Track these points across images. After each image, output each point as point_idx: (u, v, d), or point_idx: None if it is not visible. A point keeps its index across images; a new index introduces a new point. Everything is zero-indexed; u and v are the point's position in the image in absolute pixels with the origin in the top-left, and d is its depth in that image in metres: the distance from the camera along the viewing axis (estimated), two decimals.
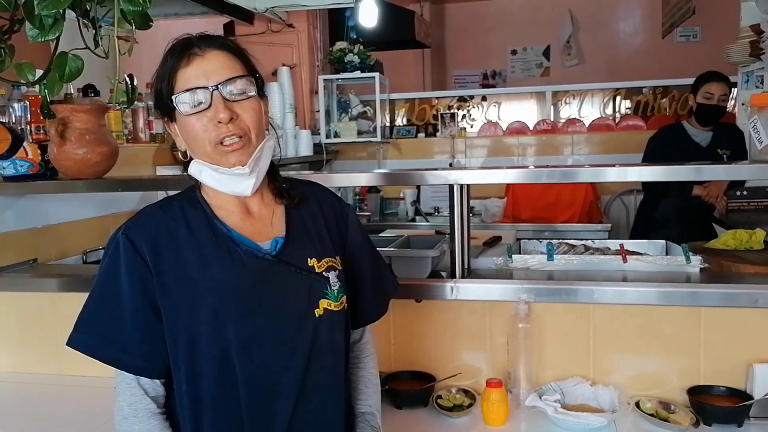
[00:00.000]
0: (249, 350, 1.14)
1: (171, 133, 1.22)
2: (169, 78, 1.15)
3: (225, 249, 1.17)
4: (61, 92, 2.08)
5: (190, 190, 1.25)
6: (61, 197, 2.57)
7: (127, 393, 1.16)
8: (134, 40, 1.54)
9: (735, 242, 2.21)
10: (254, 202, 1.24)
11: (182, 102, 1.14)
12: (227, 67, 1.15)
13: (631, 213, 4.66)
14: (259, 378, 1.15)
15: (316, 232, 1.26)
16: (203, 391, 1.15)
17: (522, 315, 1.78)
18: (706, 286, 1.78)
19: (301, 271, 1.19)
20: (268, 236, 1.21)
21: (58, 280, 2.23)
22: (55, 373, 2.17)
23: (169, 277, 1.14)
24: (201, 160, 1.18)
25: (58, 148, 2.10)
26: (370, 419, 1.34)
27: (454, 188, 1.88)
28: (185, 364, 1.14)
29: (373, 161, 5.13)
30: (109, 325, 1.15)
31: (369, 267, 1.36)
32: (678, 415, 1.65)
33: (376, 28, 5.07)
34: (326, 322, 1.20)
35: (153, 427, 1.16)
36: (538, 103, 5.44)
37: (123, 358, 1.15)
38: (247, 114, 1.15)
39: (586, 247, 2.23)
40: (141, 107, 3.06)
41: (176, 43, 1.17)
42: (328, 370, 1.21)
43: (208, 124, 1.14)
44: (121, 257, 1.14)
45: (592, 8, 7.69)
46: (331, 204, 1.33)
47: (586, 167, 1.98)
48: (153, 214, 1.20)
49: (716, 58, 6.25)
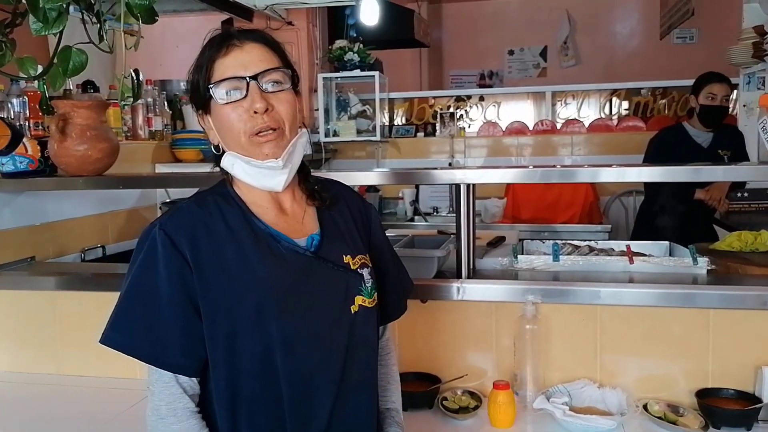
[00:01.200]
0: (291, 347, 1.13)
1: (204, 126, 1.22)
2: (206, 68, 1.15)
3: (265, 245, 1.16)
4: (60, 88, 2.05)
5: (221, 186, 1.24)
6: (59, 194, 2.54)
7: (165, 392, 1.13)
8: (140, 34, 1.51)
9: (740, 244, 2.20)
10: (286, 198, 1.23)
11: (218, 91, 1.14)
12: (264, 59, 1.15)
13: (631, 214, 4.66)
14: (300, 374, 1.14)
15: (347, 230, 1.27)
16: (243, 388, 1.13)
17: (529, 316, 1.76)
18: (714, 287, 1.77)
19: (338, 267, 1.20)
20: (303, 233, 1.21)
21: (57, 278, 2.20)
22: (54, 373, 2.15)
23: (209, 274, 1.12)
24: (234, 153, 1.17)
25: (58, 144, 2.07)
26: (395, 416, 1.36)
27: (461, 188, 1.86)
28: (225, 362, 1.12)
29: (371, 160, 5.11)
30: (147, 322, 1.12)
31: (391, 266, 1.37)
32: (687, 418, 1.64)
33: (376, 27, 5.05)
34: (361, 318, 1.21)
35: (192, 427, 1.13)
36: (535, 103, 5.44)
37: (162, 357, 1.12)
38: (282, 106, 1.15)
39: (591, 248, 2.21)
40: (141, 104, 3.03)
41: (214, 36, 1.17)
42: (363, 366, 1.22)
43: (243, 114, 1.13)
44: (159, 253, 1.11)
45: (590, 9, 7.69)
46: (356, 204, 1.33)
47: (592, 167, 1.96)
48: (189, 209, 1.17)
49: (713, 60, 6.26)
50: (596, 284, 1.80)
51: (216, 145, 1.21)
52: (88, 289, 2.16)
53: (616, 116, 5.17)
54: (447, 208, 4.75)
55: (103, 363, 2.09)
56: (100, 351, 2.05)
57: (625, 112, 5.18)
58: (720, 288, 1.75)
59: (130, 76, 1.66)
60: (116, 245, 2.85)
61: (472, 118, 5.41)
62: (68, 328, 2.15)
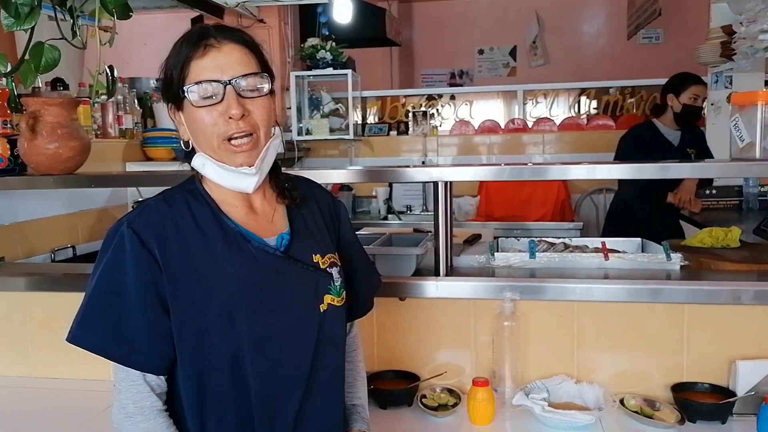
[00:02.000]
0: (261, 346, 1.13)
1: (175, 121, 1.20)
2: (182, 67, 1.12)
3: (235, 245, 1.15)
4: (31, 85, 2.00)
5: (190, 182, 1.22)
6: (28, 194, 2.49)
7: (132, 390, 1.12)
8: (114, 30, 1.48)
9: (711, 240, 2.23)
10: (257, 198, 1.23)
11: (194, 93, 1.11)
12: (243, 62, 1.13)
13: (601, 211, 4.72)
14: (269, 374, 1.14)
15: (317, 230, 1.27)
16: (211, 387, 1.13)
17: (507, 313, 1.77)
18: (688, 283, 1.80)
19: (308, 267, 1.20)
20: (272, 232, 1.21)
21: (27, 279, 2.15)
22: (25, 376, 2.10)
23: (178, 272, 1.11)
24: (205, 154, 1.16)
25: (28, 142, 2.02)
26: (360, 411, 1.37)
27: (438, 185, 1.86)
28: (193, 360, 1.12)
29: (344, 159, 5.10)
30: (115, 321, 1.11)
31: (359, 263, 1.38)
32: (663, 412, 1.66)
33: (348, 25, 5.04)
34: (330, 317, 1.21)
35: (160, 425, 1.13)
36: (505, 102, 5.48)
37: (130, 355, 1.11)
38: (259, 111, 1.14)
39: (566, 245, 2.24)
40: (111, 102, 2.98)
41: (192, 32, 1.14)
42: (331, 365, 1.23)
43: (218, 119, 1.12)
44: (127, 251, 1.10)
45: (558, 10, 7.79)
46: (326, 202, 1.34)
47: (566, 165, 1.98)
48: (157, 207, 1.16)
49: (679, 60, 6.38)
50: (573, 281, 1.81)
51: (186, 141, 1.19)
52: (58, 290, 2.11)
53: (585, 115, 5.23)
54: (420, 206, 4.77)
55: (75, 365, 2.05)
56: (72, 353, 2.01)
57: (594, 111, 5.25)
58: (694, 283, 1.78)
59: (105, 72, 1.63)
60: (86, 245, 2.80)
61: (444, 117, 5.43)
62: (39, 330, 2.10)
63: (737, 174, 1.83)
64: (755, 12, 3.04)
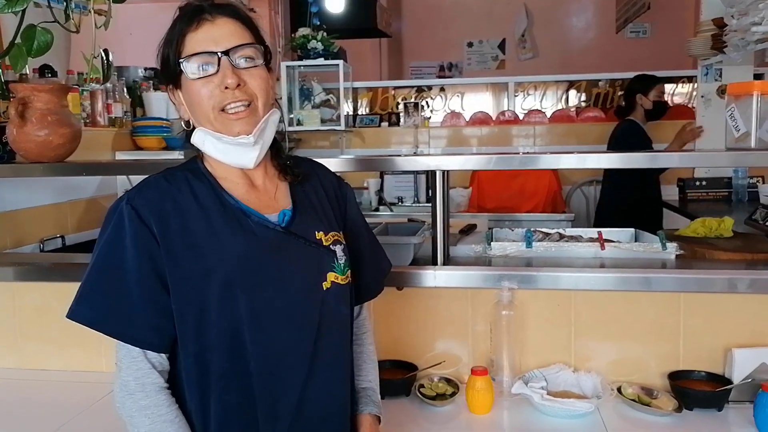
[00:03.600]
0: (260, 322, 1.12)
1: (174, 101, 1.20)
2: (177, 42, 1.12)
3: (235, 220, 1.14)
4: (22, 70, 1.96)
5: (192, 162, 1.22)
6: (17, 182, 2.45)
7: (133, 367, 1.11)
8: (110, 14, 1.45)
9: (705, 230, 2.24)
10: (258, 175, 1.22)
11: (189, 66, 1.11)
12: (236, 34, 1.13)
13: (591, 203, 4.74)
14: (269, 350, 1.13)
15: (320, 206, 1.25)
16: (212, 364, 1.12)
17: (505, 302, 1.77)
18: (684, 272, 1.80)
19: (310, 243, 1.18)
20: (274, 209, 1.20)
21: (16, 269, 2.11)
22: (15, 367, 2.06)
23: (177, 248, 1.10)
24: (204, 129, 1.15)
25: (17, 129, 1.98)
26: (371, 394, 1.35)
27: (436, 174, 1.84)
28: (193, 337, 1.11)
29: (335, 150, 5.07)
30: (114, 297, 1.10)
31: (367, 245, 1.37)
32: (660, 400, 1.67)
33: (339, 15, 5.00)
34: (333, 295, 1.19)
35: (161, 402, 1.11)
36: (494, 94, 5.49)
37: (130, 332, 1.10)
38: (255, 81, 1.14)
39: (561, 235, 2.24)
40: (100, 90, 2.94)
41: (186, 8, 1.13)
42: (335, 344, 1.21)
43: (214, 90, 1.12)
44: (126, 228, 1.09)
45: (547, 3, 7.80)
46: (330, 181, 1.32)
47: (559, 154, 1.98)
48: (157, 184, 1.15)
49: (666, 54, 6.43)
50: (570, 270, 1.81)
51: (186, 120, 1.19)
52: (48, 279, 2.08)
53: (575, 108, 5.25)
54: (412, 197, 4.75)
55: (66, 356, 2.03)
56: (63, 343, 2.01)
57: (584, 104, 5.27)
58: (689, 272, 1.79)
59: (100, 56, 1.60)
60: (76, 235, 2.76)
61: (435, 109, 5.42)
62: (28, 321, 2.07)
63: (733, 164, 1.84)
64: (746, 5, 3.05)
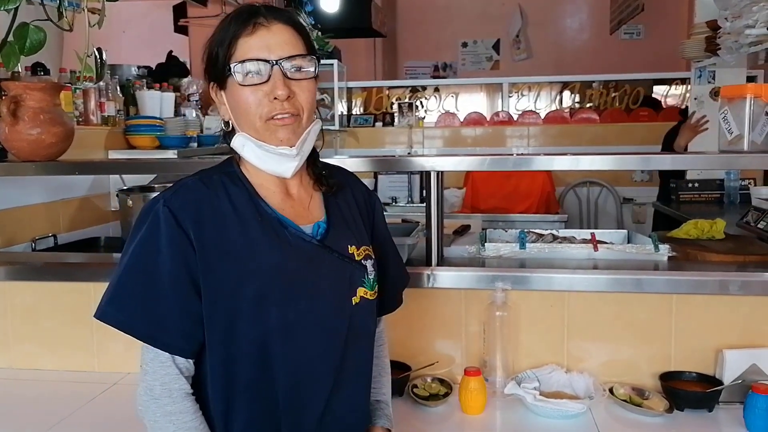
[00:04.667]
0: (291, 334, 1.11)
1: (216, 100, 1.18)
2: (229, 44, 1.10)
3: (272, 230, 1.13)
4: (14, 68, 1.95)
5: (227, 164, 1.20)
6: (7, 181, 2.43)
7: (161, 372, 1.10)
8: (104, 13, 1.45)
9: (697, 232, 2.26)
10: (293, 184, 1.20)
11: (240, 71, 1.09)
12: (291, 43, 1.11)
13: (584, 204, 4.76)
14: (298, 363, 1.12)
15: (352, 220, 1.24)
16: (239, 373, 1.11)
17: (499, 303, 1.77)
18: (676, 273, 1.81)
19: (343, 258, 1.18)
20: (308, 220, 1.18)
21: (8, 268, 2.10)
22: (7, 367, 2.05)
23: (212, 254, 1.09)
24: (246, 134, 1.14)
25: (9, 127, 1.98)
26: (384, 408, 1.34)
27: (431, 175, 1.85)
28: (222, 345, 1.10)
29: (329, 150, 5.06)
30: (146, 301, 1.09)
31: (391, 258, 1.36)
32: (651, 401, 1.67)
33: (334, 15, 5.00)
34: (361, 310, 1.19)
35: (187, 408, 1.10)
36: (489, 95, 5.50)
37: (160, 336, 1.09)
38: (304, 94, 1.12)
39: (554, 236, 2.24)
40: (93, 88, 2.92)
41: (241, 10, 1.11)
42: (360, 358, 1.21)
43: (263, 99, 1.10)
44: (162, 230, 1.08)
45: (541, 4, 7.83)
46: (361, 192, 1.31)
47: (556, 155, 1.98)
48: (195, 186, 1.13)
49: (659, 56, 6.46)
50: (563, 271, 1.82)
51: (226, 121, 1.17)
52: (40, 279, 2.07)
53: (568, 109, 5.26)
54: (406, 198, 4.75)
55: (58, 356, 2.02)
56: (55, 343, 2.01)
57: (578, 105, 5.28)
58: (681, 274, 1.80)
59: (93, 54, 1.59)
60: (68, 234, 2.74)
61: (429, 109, 5.42)
62: (20, 320, 2.06)
63: (725, 166, 1.86)
64: (740, 7, 3.07)
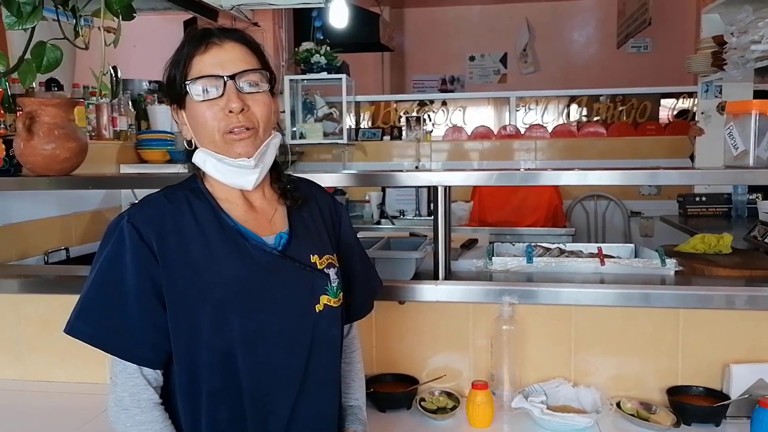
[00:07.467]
0: (253, 344, 1.14)
1: (178, 121, 1.22)
2: (184, 64, 1.15)
3: (233, 242, 1.17)
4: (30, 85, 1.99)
5: (191, 180, 1.24)
6: (22, 195, 2.47)
7: (129, 383, 1.13)
8: (119, 32, 1.48)
9: (704, 246, 2.26)
10: (256, 196, 1.24)
11: (195, 88, 1.14)
12: (243, 59, 1.16)
13: (592, 217, 4.75)
14: (261, 372, 1.15)
15: (316, 230, 1.28)
16: (204, 382, 1.14)
17: (506, 317, 1.78)
18: (683, 288, 1.82)
19: (305, 267, 1.21)
20: (271, 231, 1.22)
21: (21, 281, 2.13)
22: (18, 379, 2.07)
23: (175, 267, 1.12)
24: (207, 150, 1.18)
25: (24, 143, 2.01)
26: (357, 413, 1.37)
27: (438, 190, 1.87)
28: (187, 355, 1.13)
29: (338, 163, 5.10)
30: (112, 314, 1.13)
31: (359, 265, 1.39)
32: (659, 415, 1.68)
33: (342, 30, 5.05)
34: (325, 317, 1.22)
35: (156, 418, 1.14)
36: (496, 108, 5.52)
37: (128, 348, 1.13)
38: (258, 107, 1.16)
39: (561, 251, 2.25)
40: (105, 103, 2.97)
41: (194, 32, 1.17)
42: (325, 365, 1.24)
43: (218, 113, 1.14)
44: (127, 245, 1.12)
45: (549, 18, 7.86)
46: (326, 203, 1.35)
47: (564, 170, 2.01)
48: (158, 202, 1.18)
49: (667, 69, 6.47)
50: (570, 286, 1.83)
51: (189, 140, 1.21)
52: (52, 292, 2.10)
53: (576, 123, 5.27)
54: (413, 211, 4.77)
55: (69, 367, 2.04)
56: (67, 355, 2.03)
57: (585, 119, 5.29)
58: (688, 288, 1.80)
59: (109, 72, 1.63)
60: (80, 247, 2.78)
61: (436, 123, 5.45)
62: (32, 332, 2.08)
63: (731, 181, 1.86)
64: (746, 23, 3.08)
